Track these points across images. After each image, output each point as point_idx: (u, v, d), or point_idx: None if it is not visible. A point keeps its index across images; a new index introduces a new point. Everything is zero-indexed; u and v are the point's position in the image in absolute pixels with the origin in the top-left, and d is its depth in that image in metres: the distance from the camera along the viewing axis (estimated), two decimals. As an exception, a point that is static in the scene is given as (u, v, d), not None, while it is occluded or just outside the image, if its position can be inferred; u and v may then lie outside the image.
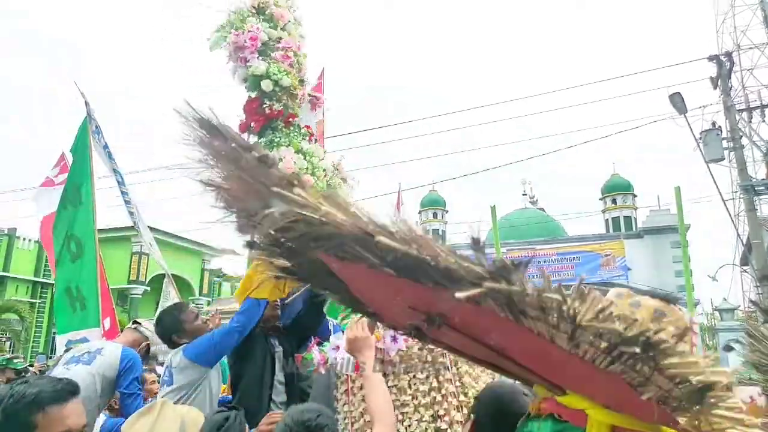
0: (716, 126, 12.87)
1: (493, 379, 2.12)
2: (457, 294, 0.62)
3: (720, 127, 12.89)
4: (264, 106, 2.67)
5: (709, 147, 12.49)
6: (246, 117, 2.71)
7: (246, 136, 2.76)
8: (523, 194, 26.20)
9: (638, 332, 0.66)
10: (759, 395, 1.76)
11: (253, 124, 2.69)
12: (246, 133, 2.77)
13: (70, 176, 5.74)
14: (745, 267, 15.98)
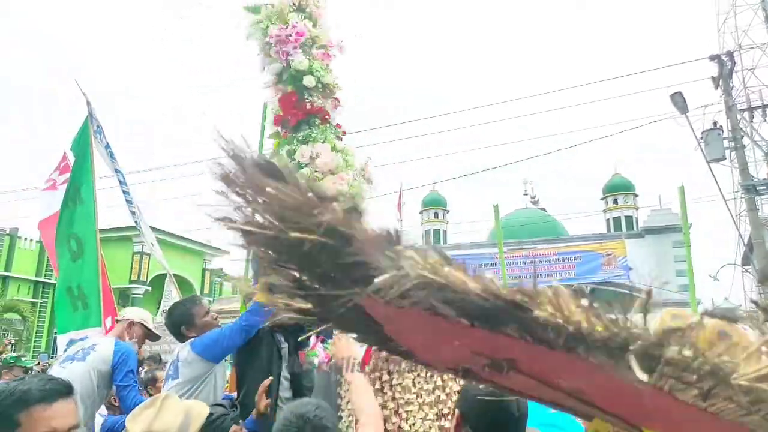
0: (717, 126, 12.87)
1: None
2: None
3: (721, 126, 12.89)
4: (306, 100, 2.66)
5: (710, 147, 12.48)
6: (283, 111, 2.68)
7: (280, 129, 2.74)
8: (524, 194, 26.22)
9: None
10: None
11: (288, 118, 2.67)
12: (280, 126, 2.76)
13: (72, 176, 5.74)
14: (747, 267, 15.97)
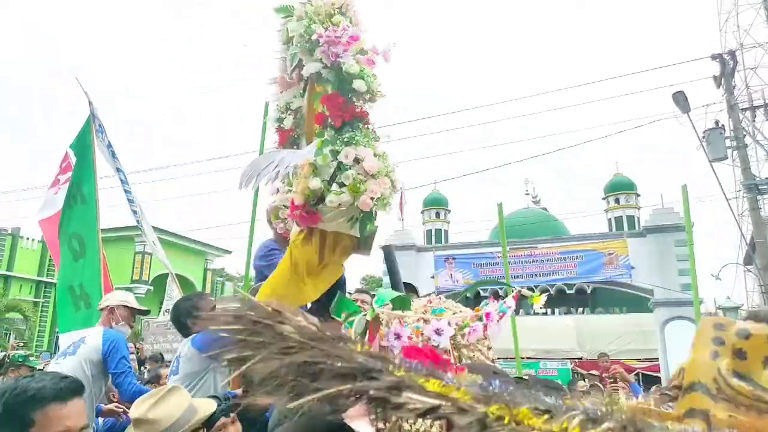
0: (719, 125, 12.84)
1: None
2: None
3: (723, 126, 12.85)
4: (356, 105, 2.68)
5: (712, 146, 12.46)
6: (330, 111, 2.68)
7: (322, 129, 2.75)
8: (526, 194, 26.19)
9: None
10: None
11: (334, 118, 2.67)
12: (321, 126, 2.76)
13: (74, 175, 5.75)
14: (749, 266, 15.94)
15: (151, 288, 24.29)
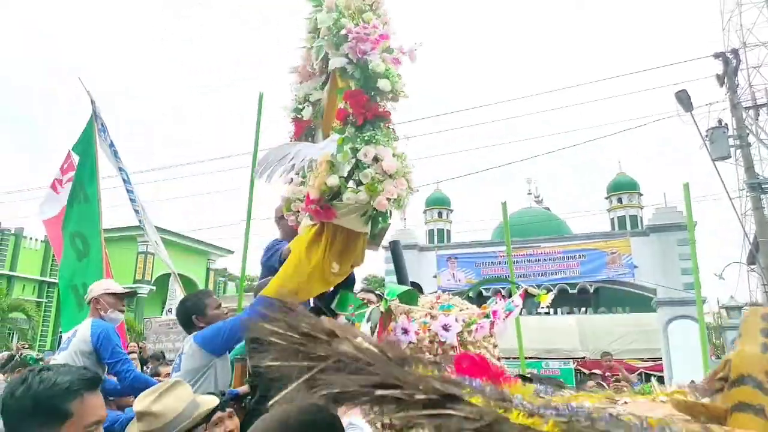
0: (722, 124, 12.80)
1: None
2: None
3: (726, 124, 12.82)
4: (380, 104, 2.66)
5: (715, 145, 12.42)
6: (353, 108, 2.66)
7: (342, 126, 2.72)
8: (528, 193, 26.17)
9: None
10: None
11: (356, 116, 2.65)
12: (343, 122, 2.73)
13: (76, 174, 5.75)
14: (752, 265, 15.89)
15: (154, 288, 24.33)
